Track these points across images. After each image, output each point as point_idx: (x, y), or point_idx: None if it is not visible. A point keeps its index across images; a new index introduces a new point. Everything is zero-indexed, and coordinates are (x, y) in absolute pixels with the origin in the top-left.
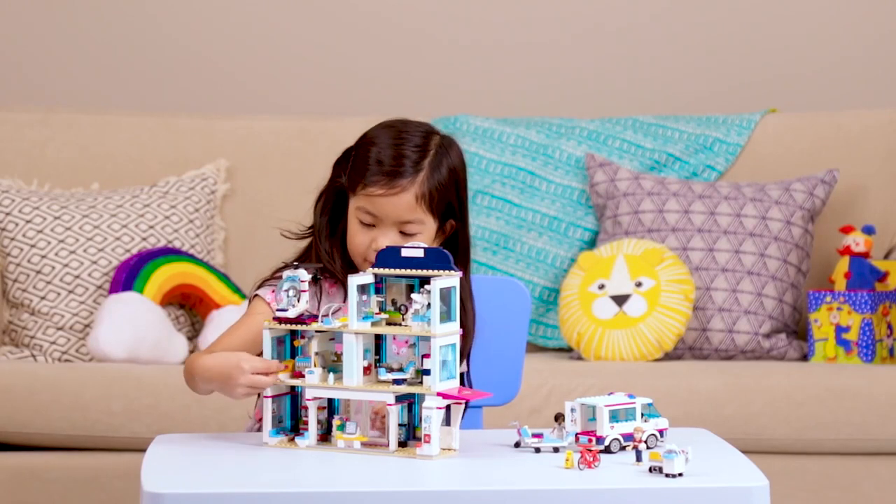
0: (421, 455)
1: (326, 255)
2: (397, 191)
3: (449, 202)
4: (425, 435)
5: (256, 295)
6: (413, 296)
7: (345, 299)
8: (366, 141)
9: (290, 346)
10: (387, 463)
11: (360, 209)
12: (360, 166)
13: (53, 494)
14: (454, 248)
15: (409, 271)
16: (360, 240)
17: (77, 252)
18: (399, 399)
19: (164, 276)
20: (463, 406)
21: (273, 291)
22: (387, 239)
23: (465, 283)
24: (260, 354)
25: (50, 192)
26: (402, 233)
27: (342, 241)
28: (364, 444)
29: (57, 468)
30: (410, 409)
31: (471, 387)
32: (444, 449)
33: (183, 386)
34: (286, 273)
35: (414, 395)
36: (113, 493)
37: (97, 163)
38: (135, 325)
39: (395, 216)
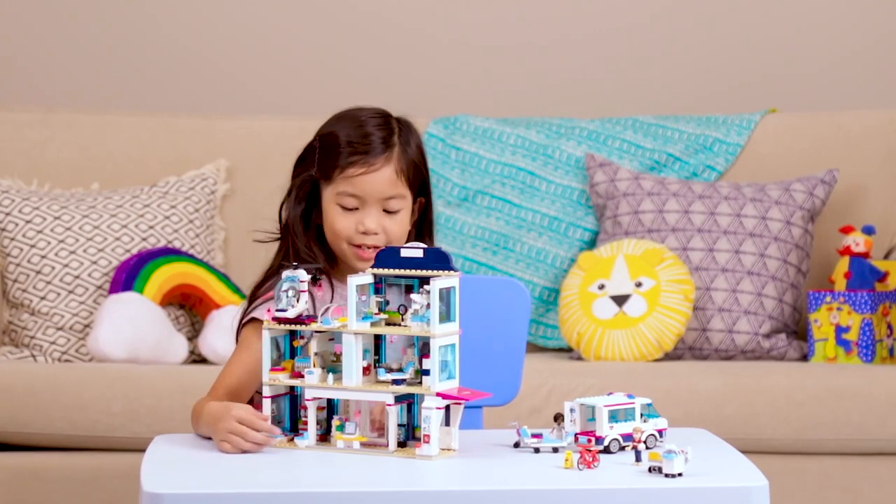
0: (420, 455)
1: (306, 249)
2: (377, 167)
3: (423, 178)
4: (424, 435)
5: (251, 319)
6: (412, 296)
7: (332, 297)
8: (326, 131)
9: (289, 346)
10: (386, 463)
11: (340, 194)
12: (331, 152)
13: (53, 494)
14: (422, 223)
15: (408, 271)
16: (344, 224)
17: (77, 252)
18: (398, 399)
19: (164, 276)
20: (462, 406)
21: (269, 311)
22: (372, 219)
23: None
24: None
25: (50, 192)
26: (386, 211)
27: (317, 235)
28: (363, 445)
29: (57, 468)
30: (410, 409)
31: None
32: (443, 449)
33: (183, 386)
34: (285, 273)
35: (413, 395)
36: (113, 493)
37: (97, 163)
38: (135, 325)
39: (378, 192)
